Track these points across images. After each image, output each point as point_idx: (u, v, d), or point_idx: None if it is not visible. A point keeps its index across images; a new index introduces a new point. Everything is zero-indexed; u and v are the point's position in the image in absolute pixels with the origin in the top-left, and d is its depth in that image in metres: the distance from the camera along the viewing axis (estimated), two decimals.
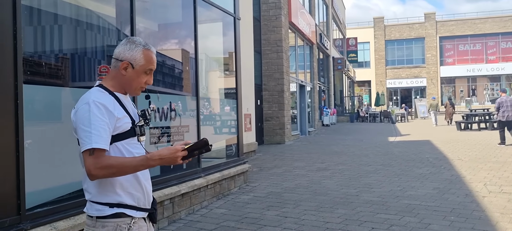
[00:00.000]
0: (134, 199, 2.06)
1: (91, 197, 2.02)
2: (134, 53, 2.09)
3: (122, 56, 2.09)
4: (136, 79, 2.11)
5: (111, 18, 5.38)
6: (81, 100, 2.03)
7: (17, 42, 3.52)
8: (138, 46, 2.11)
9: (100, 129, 1.92)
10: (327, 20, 28.49)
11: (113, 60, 2.12)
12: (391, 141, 16.40)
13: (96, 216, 2.00)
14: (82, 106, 1.98)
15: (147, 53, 2.13)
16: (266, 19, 15.45)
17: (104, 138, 1.92)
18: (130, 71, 2.09)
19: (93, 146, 1.89)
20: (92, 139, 1.90)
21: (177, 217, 5.62)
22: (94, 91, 2.05)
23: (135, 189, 2.07)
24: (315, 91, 22.35)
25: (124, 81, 2.11)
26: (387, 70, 49.21)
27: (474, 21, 47.30)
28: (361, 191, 7.20)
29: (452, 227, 5.09)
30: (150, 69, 2.15)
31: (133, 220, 2.04)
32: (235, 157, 7.73)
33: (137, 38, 2.16)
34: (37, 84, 3.94)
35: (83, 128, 1.93)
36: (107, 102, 2.00)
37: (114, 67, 2.11)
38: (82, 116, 1.96)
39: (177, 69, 6.66)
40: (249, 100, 11.77)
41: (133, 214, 2.04)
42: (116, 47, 2.14)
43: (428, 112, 29.19)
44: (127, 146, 2.05)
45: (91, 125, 1.92)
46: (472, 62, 47.05)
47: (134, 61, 2.09)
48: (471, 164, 9.79)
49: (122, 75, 2.10)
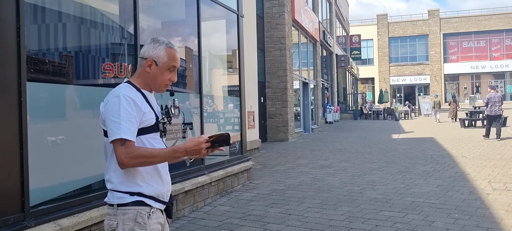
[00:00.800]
0: (154, 191, 2.17)
1: (113, 186, 2.13)
2: (157, 51, 2.20)
3: (146, 55, 2.21)
4: (160, 76, 2.22)
5: (114, 16, 5.38)
6: (111, 93, 2.15)
7: (20, 40, 3.52)
8: (161, 45, 2.22)
9: (128, 121, 2.04)
10: (330, 17, 28.42)
11: (139, 59, 2.25)
12: (395, 138, 16.37)
13: (117, 204, 2.10)
14: (112, 99, 2.10)
15: (170, 51, 2.22)
16: (270, 17, 15.42)
17: (132, 130, 2.05)
18: (154, 68, 2.20)
19: (123, 136, 2.01)
20: (121, 129, 2.02)
21: (180, 214, 5.62)
22: (123, 86, 2.16)
23: (155, 182, 2.18)
24: (318, 88, 22.31)
25: (149, 78, 2.22)
26: (391, 67, 49.09)
27: (478, 18, 47.09)
28: (365, 188, 7.19)
29: (456, 225, 5.08)
30: (173, 66, 2.24)
31: (152, 210, 2.15)
32: (239, 154, 7.73)
33: (161, 37, 2.26)
34: (40, 82, 3.95)
35: (112, 119, 2.05)
36: (135, 97, 2.12)
37: (140, 66, 2.24)
38: (112, 108, 2.07)
39: (180, 67, 6.66)
40: (253, 98, 11.77)
41: (152, 203, 2.15)
42: (142, 47, 2.27)
43: (431, 109, 29.37)
44: (151, 139, 2.16)
45: (120, 116, 2.04)
46: (476, 59, 46.88)
47: (157, 58, 2.20)
48: (475, 161, 9.76)
49: (147, 73, 2.21)
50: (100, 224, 4.19)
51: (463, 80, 47.87)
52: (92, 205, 4.13)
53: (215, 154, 7.22)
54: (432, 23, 47.70)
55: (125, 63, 4.95)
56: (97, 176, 4.41)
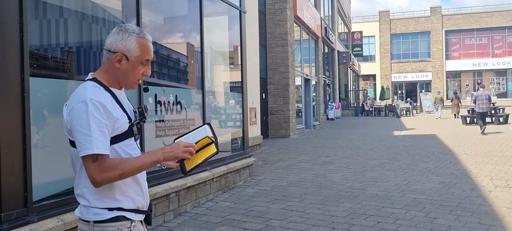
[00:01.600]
0: (135, 204, 1.94)
1: (88, 204, 1.87)
2: (127, 43, 1.89)
3: (114, 48, 1.90)
4: (132, 72, 1.93)
5: (116, 12, 5.37)
6: (75, 97, 1.84)
7: (23, 35, 3.52)
8: (131, 35, 1.90)
9: (99, 133, 1.77)
10: (332, 14, 28.37)
11: (105, 52, 1.93)
12: (396, 135, 16.36)
13: (94, 221, 1.85)
14: (78, 105, 1.79)
15: (142, 42, 1.92)
16: (272, 13, 15.40)
17: (105, 142, 1.78)
18: (125, 63, 1.91)
19: (95, 152, 1.74)
20: (93, 143, 1.74)
21: (182, 210, 5.63)
22: (89, 87, 1.86)
23: (135, 193, 1.94)
24: (320, 85, 22.29)
25: (118, 75, 1.93)
26: (392, 64, 49.02)
27: (480, 15, 46.96)
28: (367, 185, 7.19)
29: (458, 222, 5.07)
30: (146, 59, 1.95)
31: (133, 224, 1.92)
32: (241, 150, 7.74)
33: (130, 25, 1.95)
34: (43, 77, 3.95)
35: (81, 130, 1.76)
36: (105, 101, 1.83)
37: (107, 60, 1.92)
38: (79, 116, 1.78)
39: (182, 63, 6.65)
40: (254, 94, 11.76)
41: (133, 217, 1.91)
42: (108, 37, 1.93)
43: (433, 106, 29.59)
44: (125, 147, 1.90)
45: (90, 127, 1.75)
46: (478, 57, 46.79)
47: (128, 52, 1.89)
48: (477, 158, 9.75)
49: (116, 69, 1.91)
50: None
51: (465, 77, 47.80)
52: None
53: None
54: (434, 20, 47.59)
55: None
56: None
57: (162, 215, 5.21)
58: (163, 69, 6.19)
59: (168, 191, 5.26)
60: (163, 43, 6.28)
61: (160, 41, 6.15)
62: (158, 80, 5.87)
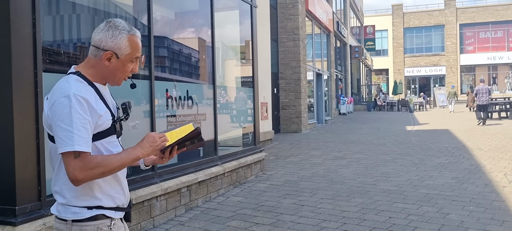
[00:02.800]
0: (115, 202, 1.89)
1: (66, 202, 1.81)
2: (118, 41, 1.84)
3: (104, 45, 1.83)
4: (121, 70, 1.88)
5: (128, 7, 5.40)
6: (58, 90, 1.77)
7: (36, 31, 3.56)
8: (122, 33, 1.85)
9: (82, 129, 1.71)
10: (344, 8, 28.17)
11: (93, 49, 1.86)
12: (409, 130, 16.23)
13: (72, 220, 1.80)
14: (60, 99, 1.73)
15: (133, 40, 1.87)
16: (283, 7, 15.34)
17: (87, 139, 1.72)
18: (115, 61, 1.85)
19: (76, 149, 1.68)
20: (74, 140, 1.68)
21: (194, 204, 5.66)
22: (73, 81, 1.79)
23: (115, 191, 1.90)
24: (332, 79, 22.19)
25: (107, 72, 1.88)
26: (405, 58, 48.55)
27: (495, 8, 46.21)
28: (378, 180, 7.15)
29: (471, 217, 5.03)
30: (136, 57, 1.91)
31: (113, 222, 1.88)
32: (252, 145, 7.75)
33: (119, 21, 1.89)
34: (55, 72, 3.99)
35: (62, 126, 1.70)
36: (89, 97, 1.77)
37: (95, 56, 1.86)
38: (61, 111, 1.71)
39: (193, 58, 6.67)
40: (266, 89, 11.75)
41: (112, 215, 1.87)
42: (95, 32, 1.87)
43: (447, 100, 29.80)
44: (107, 144, 1.85)
45: (72, 123, 1.69)
46: (493, 50, 46.09)
47: (119, 50, 1.84)
48: (491, 154, 9.63)
49: (104, 66, 1.85)
50: None
51: (479, 72, 47.12)
52: None
53: (228, 144, 7.26)
54: (448, 13, 46.97)
55: None
56: None
57: (174, 210, 5.25)
58: (175, 64, 6.21)
59: (179, 186, 5.29)
60: (174, 38, 6.30)
61: (171, 36, 6.17)
62: (170, 75, 5.89)
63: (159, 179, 5.01)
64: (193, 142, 2.01)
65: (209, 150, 6.39)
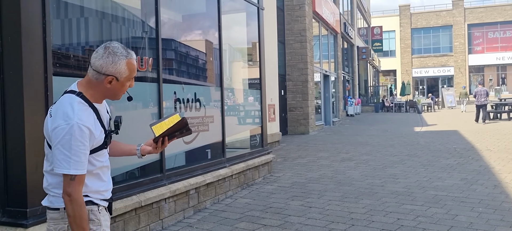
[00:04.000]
0: (101, 195, 2.16)
1: (58, 194, 2.06)
2: (118, 66, 2.04)
3: (105, 71, 2.04)
4: (120, 89, 2.11)
5: (136, 10, 5.44)
6: (62, 114, 1.98)
7: (46, 35, 3.60)
8: (121, 59, 2.05)
9: (80, 155, 1.95)
10: (351, 9, 28.11)
11: (94, 73, 2.06)
12: (417, 131, 16.15)
13: (64, 207, 2.03)
14: (63, 125, 1.94)
15: (130, 63, 2.09)
16: (290, 9, 15.35)
17: (83, 162, 1.97)
18: (115, 83, 2.07)
19: (72, 173, 1.94)
20: (71, 164, 1.93)
21: (202, 206, 5.68)
22: (76, 106, 2.00)
23: (104, 187, 2.17)
24: (339, 81, 22.14)
25: (107, 93, 2.11)
26: (413, 59, 48.31)
27: (504, 8, 45.84)
28: (386, 181, 7.13)
29: (480, 218, 5.00)
30: (133, 76, 2.14)
31: (100, 208, 2.15)
32: (259, 147, 7.76)
33: (117, 46, 2.08)
34: (65, 76, 4.03)
35: (62, 150, 1.94)
36: (90, 124, 2.00)
37: (96, 79, 2.06)
38: (62, 137, 1.94)
39: (201, 60, 6.70)
40: (273, 91, 11.76)
41: (100, 202, 2.14)
42: (95, 58, 2.06)
43: (459, 100, 30.39)
44: (97, 157, 2.10)
45: (71, 150, 1.93)
46: (502, 50, 45.71)
47: (119, 74, 2.06)
48: (500, 155, 9.56)
49: (106, 88, 2.08)
50: (124, 215, 4.27)
51: (488, 72, 46.79)
52: (116, 197, 4.20)
53: (236, 146, 7.27)
54: (456, 13, 46.68)
55: (146, 56, 5.01)
56: (120, 169, 4.49)
57: (182, 211, 5.27)
58: (182, 67, 6.24)
59: (188, 188, 5.32)
60: (182, 41, 6.34)
61: (178, 38, 6.20)
62: (178, 77, 5.92)
63: (167, 181, 5.04)
64: (182, 132, 2.22)
65: (217, 152, 6.42)
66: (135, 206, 4.42)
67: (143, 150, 2.35)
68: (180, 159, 5.74)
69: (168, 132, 2.22)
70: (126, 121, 2.41)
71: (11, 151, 3.51)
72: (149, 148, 2.33)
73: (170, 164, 5.27)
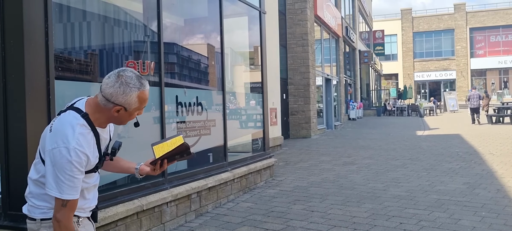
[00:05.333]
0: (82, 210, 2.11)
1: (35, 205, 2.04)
2: (128, 98, 1.96)
3: (114, 100, 1.96)
4: (128, 118, 2.06)
5: (138, 14, 5.45)
6: (61, 136, 1.91)
7: (48, 39, 3.61)
8: (132, 90, 1.96)
9: (75, 180, 1.91)
10: (353, 13, 28.13)
11: (103, 99, 1.98)
12: (419, 135, 16.12)
13: (41, 218, 2.01)
14: (61, 148, 1.89)
15: (142, 95, 2.00)
16: (292, 13, 15.37)
17: (77, 188, 1.94)
18: (123, 113, 2.01)
19: (64, 197, 1.90)
20: (64, 189, 1.89)
21: (204, 210, 5.67)
22: (77, 129, 1.94)
23: (86, 205, 2.13)
24: (341, 85, 22.14)
25: (114, 119, 2.06)
26: (415, 63, 48.31)
27: (506, 11, 45.85)
28: (389, 185, 7.11)
29: (483, 223, 4.98)
30: (143, 106, 2.07)
31: (80, 219, 2.08)
32: (261, 151, 7.75)
33: (130, 76, 1.98)
34: (67, 80, 4.03)
35: (56, 173, 1.88)
36: (88, 150, 1.96)
37: (104, 105, 1.99)
38: (59, 160, 1.88)
39: (203, 64, 6.70)
40: (275, 95, 11.76)
41: (79, 213, 2.07)
42: (107, 85, 1.96)
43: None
44: (86, 179, 2.05)
45: (66, 175, 1.88)
46: (504, 54, 45.69)
47: (128, 105, 1.98)
48: (503, 158, 9.53)
49: (113, 115, 2.01)
50: (125, 219, 4.26)
51: (490, 76, 46.75)
52: (117, 201, 4.20)
53: (238, 150, 7.26)
54: (458, 17, 46.70)
55: (148, 60, 5.01)
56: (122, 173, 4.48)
57: (184, 215, 5.26)
58: (184, 71, 6.25)
59: (189, 192, 5.31)
60: (184, 45, 6.34)
61: (180, 42, 6.21)
62: (179, 81, 5.93)
63: (169, 185, 5.03)
64: (182, 155, 2.14)
65: (218, 155, 6.41)
66: (137, 210, 4.42)
67: (141, 170, 2.28)
68: (182, 162, 5.73)
69: (169, 154, 2.14)
70: (127, 125, 2.41)
71: (13, 155, 3.51)
72: (148, 168, 2.25)
73: (172, 168, 5.27)
